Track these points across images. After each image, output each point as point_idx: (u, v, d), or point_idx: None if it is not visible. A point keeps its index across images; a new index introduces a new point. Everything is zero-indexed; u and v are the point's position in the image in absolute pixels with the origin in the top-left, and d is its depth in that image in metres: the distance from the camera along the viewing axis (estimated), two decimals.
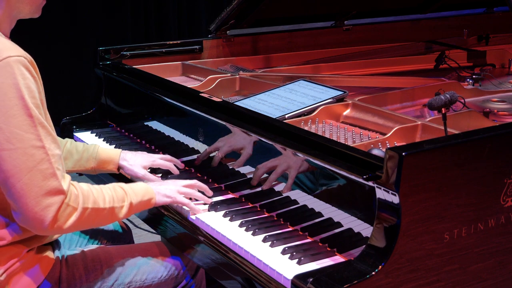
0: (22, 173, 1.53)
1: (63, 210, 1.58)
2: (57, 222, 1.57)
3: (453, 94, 1.82)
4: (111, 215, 1.71)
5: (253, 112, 2.04)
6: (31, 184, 1.54)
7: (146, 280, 1.90)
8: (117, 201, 1.71)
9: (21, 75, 1.54)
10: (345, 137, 1.98)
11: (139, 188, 1.80)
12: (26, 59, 1.58)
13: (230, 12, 2.80)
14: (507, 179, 1.58)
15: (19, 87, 1.53)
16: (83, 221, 1.63)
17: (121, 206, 1.72)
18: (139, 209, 1.79)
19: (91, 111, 2.75)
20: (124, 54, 2.76)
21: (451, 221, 1.51)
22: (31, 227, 1.60)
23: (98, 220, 1.69)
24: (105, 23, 5.23)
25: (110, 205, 1.69)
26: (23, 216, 1.57)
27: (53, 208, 1.56)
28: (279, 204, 1.83)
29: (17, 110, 1.53)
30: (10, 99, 1.53)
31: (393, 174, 1.42)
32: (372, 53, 3.09)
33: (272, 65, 2.98)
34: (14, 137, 1.53)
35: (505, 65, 2.98)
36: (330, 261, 1.58)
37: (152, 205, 1.82)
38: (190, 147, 2.23)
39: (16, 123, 1.53)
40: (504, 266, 1.65)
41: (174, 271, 1.95)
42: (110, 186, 1.74)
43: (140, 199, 1.77)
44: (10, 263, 1.69)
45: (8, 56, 1.54)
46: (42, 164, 1.55)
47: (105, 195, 1.69)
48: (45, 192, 1.55)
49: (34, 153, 1.54)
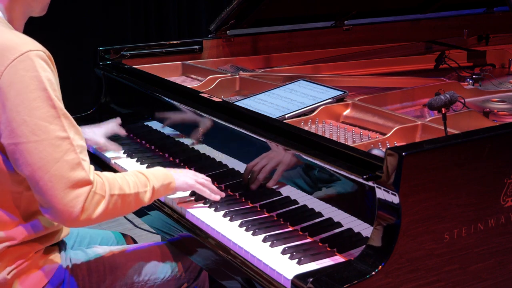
0: (49, 164, 1.52)
1: (91, 199, 1.57)
2: (85, 212, 1.56)
3: (453, 94, 1.82)
4: (137, 201, 1.71)
5: (253, 112, 2.04)
6: (58, 175, 1.53)
7: (149, 281, 1.90)
8: (141, 186, 1.72)
9: (42, 68, 1.56)
10: (345, 137, 1.98)
11: (159, 173, 1.81)
12: (45, 53, 1.60)
13: (230, 12, 2.80)
14: (507, 179, 1.58)
15: (41, 79, 1.54)
16: (111, 209, 1.62)
17: (145, 191, 1.73)
18: (160, 193, 1.80)
19: (91, 111, 2.75)
20: (124, 54, 2.76)
21: (451, 221, 1.51)
22: (60, 220, 1.57)
23: (125, 207, 1.68)
24: (105, 23, 5.22)
25: (135, 191, 1.69)
26: (52, 209, 1.55)
27: (81, 198, 1.54)
28: (279, 204, 1.83)
29: (40, 102, 1.53)
30: (32, 91, 1.53)
31: (393, 174, 1.42)
32: (372, 53, 3.09)
33: (272, 65, 2.98)
34: (39, 128, 1.52)
35: (505, 65, 2.98)
36: (330, 261, 1.58)
37: (173, 189, 1.83)
38: (190, 147, 2.23)
39: (40, 115, 1.53)
40: (504, 266, 1.65)
41: (177, 272, 1.95)
42: (131, 173, 1.75)
43: (161, 183, 1.78)
44: (17, 263, 1.70)
45: (28, 50, 1.55)
46: (68, 155, 1.54)
47: (129, 181, 1.69)
48: (73, 183, 1.54)
49: (60, 144, 1.54)
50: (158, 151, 2.39)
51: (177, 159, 2.29)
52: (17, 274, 1.70)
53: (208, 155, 2.13)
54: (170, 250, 1.99)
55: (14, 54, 1.54)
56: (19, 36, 1.62)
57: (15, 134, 1.53)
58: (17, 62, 1.54)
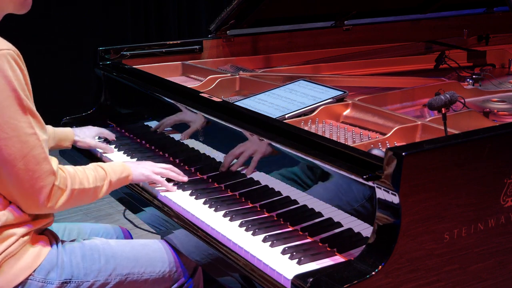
0: (18, 159, 1.64)
1: (55, 192, 1.71)
2: (49, 202, 1.70)
3: (453, 94, 1.82)
4: (94, 194, 1.84)
5: (253, 112, 2.04)
6: (26, 168, 1.65)
7: (144, 274, 1.90)
8: (99, 180, 1.85)
9: (11, 68, 1.62)
10: (345, 137, 1.98)
11: (117, 167, 1.94)
12: (15, 52, 1.65)
13: (230, 12, 2.80)
14: (507, 179, 1.58)
15: (10, 79, 1.62)
16: (71, 200, 1.76)
17: (102, 185, 1.86)
18: (117, 186, 1.93)
19: (91, 111, 2.75)
20: (124, 54, 2.76)
21: (451, 221, 1.51)
22: (27, 207, 1.72)
23: (84, 199, 1.82)
24: (105, 23, 5.23)
25: (94, 185, 1.83)
26: (19, 198, 1.69)
27: (46, 189, 1.68)
28: (279, 204, 1.83)
29: (10, 102, 1.62)
30: (2, 91, 1.61)
31: (393, 174, 1.42)
32: (372, 53, 3.09)
33: (272, 65, 2.98)
34: (9, 126, 1.62)
35: (505, 65, 2.98)
36: (330, 261, 1.58)
37: (129, 181, 1.97)
38: (190, 147, 2.23)
39: (10, 114, 1.62)
40: (504, 266, 1.65)
41: (172, 267, 1.96)
42: (92, 167, 1.87)
43: (118, 176, 1.92)
44: (5, 245, 1.71)
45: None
46: (35, 150, 1.66)
47: (88, 175, 1.82)
48: (38, 175, 1.66)
49: (27, 140, 1.65)
50: (158, 151, 2.39)
51: (177, 159, 2.29)
52: (4, 258, 1.71)
53: (208, 155, 2.13)
54: (167, 246, 1.99)
55: None
56: None
57: None
58: None
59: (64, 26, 5.06)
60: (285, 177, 1.82)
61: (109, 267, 1.86)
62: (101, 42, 5.02)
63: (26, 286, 1.74)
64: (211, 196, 1.98)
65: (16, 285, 1.72)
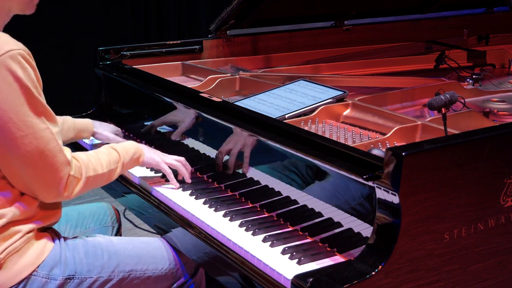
0: (36, 155, 1.68)
1: (71, 181, 1.75)
2: (66, 191, 1.75)
3: (453, 94, 1.82)
4: (109, 177, 1.89)
5: (253, 112, 2.04)
6: (45, 162, 1.69)
7: (147, 271, 1.91)
8: (113, 163, 1.89)
9: (22, 67, 1.65)
10: (345, 137, 1.98)
11: (130, 147, 1.97)
12: (25, 51, 1.68)
13: (230, 12, 2.80)
14: (507, 179, 1.58)
15: (22, 80, 1.64)
16: (87, 187, 1.80)
17: (116, 167, 1.90)
18: (129, 166, 1.97)
19: (91, 111, 2.75)
20: (124, 54, 2.76)
21: (451, 221, 1.51)
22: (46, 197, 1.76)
23: (98, 183, 1.87)
24: (105, 23, 5.23)
25: (108, 169, 1.87)
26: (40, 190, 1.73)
27: (64, 179, 1.73)
28: (279, 204, 1.83)
29: (23, 101, 1.65)
30: (15, 90, 1.64)
31: (393, 174, 1.42)
32: (372, 53, 3.09)
33: (272, 65, 2.98)
34: (24, 124, 1.66)
35: (505, 65, 2.98)
36: (330, 261, 1.58)
37: (140, 163, 2.00)
38: (190, 147, 2.23)
39: (25, 112, 1.66)
40: (504, 266, 1.65)
41: (174, 266, 1.96)
42: (105, 150, 1.91)
43: (131, 157, 1.95)
44: (8, 243, 1.72)
45: (10, 50, 1.64)
46: (50, 143, 1.70)
47: (102, 160, 1.86)
48: (57, 166, 1.71)
49: (42, 136, 1.69)
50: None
51: None
52: (8, 254, 1.72)
53: (208, 155, 2.13)
54: (168, 245, 1.99)
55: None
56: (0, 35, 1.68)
57: (2, 131, 1.65)
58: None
59: (64, 26, 5.06)
60: (285, 177, 1.82)
61: (112, 264, 1.87)
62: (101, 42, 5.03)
63: (30, 282, 1.75)
64: (211, 196, 1.98)
65: (20, 281, 1.74)
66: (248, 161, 1.93)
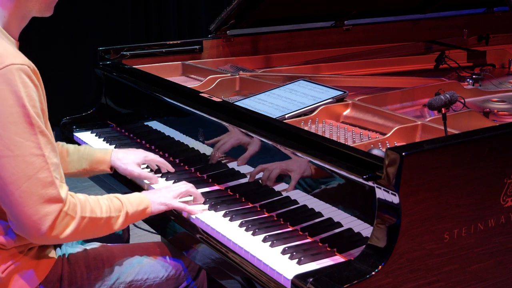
0: (21, 180, 1.53)
1: (61, 219, 1.58)
2: (54, 230, 1.58)
3: (453, 94, 1.82)
4: (108, 225, 1.71)
5: (253, 112, 2.04)
6: (29, 192, 1.54)
7: (148, 280, 1.90)
8: (114, 211, 1.72)
9: (23, 83, 1.54)
10: (345, 137, 1.98)
11: (134, 198, 1.81)
12: (29, 67, 1.57)
13: (230, 12, 2.80)
14: (507, 179, 1.58)
15: (20, 94, 1.53)
16: (80, 230, 1.64)
17: (118, 216, 1.73)
18: (134, 219, 1.80)
19: (91, 111, 2.75)
20: (124, 54, 2.76)
21: (451, 221, 1.51)
22: (27, 235, 1.60)
23: (95, 230, 1.69)
24: (105, 23, 5.23)
25: (107, 215, 1.70)
26: (19, 224, 1.57)
27: (51, 216, 1.56)
28: (279, 204, 1.83)
29: (17, 118, 1.53)
30: (10, 106, 1.53)
31: (393, 174, 1.42)
32: (372, 53, 3.09)
33: (272, 65, 2.98)
34: (14, 144, 1.53)
35: (505, 65, 2.98)
36: (330, 261, 1.58)
37: (148, 214, 1.83)
38: (190, 147, 2.23)
39: (16, 130, 1.53)
40: (504, 266, 1.65)
41: (176, 272, 1.95)
42: (106, 197, 1.75)
43: (135, 209, 1.78)
44: (11, 261, 1.70)
45: (11, 64, 1.54)
46: (41, 173, 1.55)
47: (101, 205, 1.70)
48: (43, 200, 1.55)
49: (33, 161, 1.54)
50: (158, 151, 2.39)
51: (177, 159, 2.29)
52: (11, 272, 1.70)
53: (208, 155, 2.13)
54: (169, 249, 1.99)
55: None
56: (5, 47, 1.59)
57: None
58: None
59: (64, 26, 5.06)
60: (285, 178, 1.82)
61: (113, 276, 1.86)
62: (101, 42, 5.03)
63: None
64: (210, 196, 1.98)
65: None
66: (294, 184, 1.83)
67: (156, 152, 2.39)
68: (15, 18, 1.67)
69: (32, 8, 1.68)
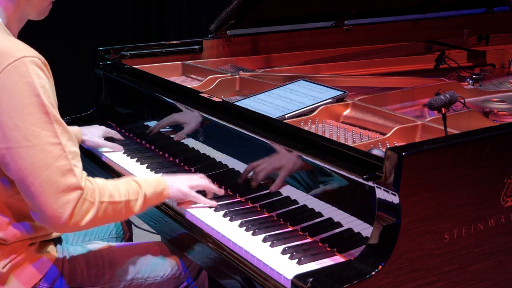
0: (40, 170, 1.54)
1: (80, 205, 1.58)
2: (74, 218, 1.57)
3: (453, 94, 1.82)
4: (127, 208, 1.71)
5: (253, 112, 2.04)
6: (49, 181, 1.54)
7: (148, 278, 1.90)
8: (132, 194, 1.72)
9: (36, 74, 1.57)
10: (345, 137, 1.98)
11: (152, 180, 1.82)
12: (40, 60, 1.60)
13: (230, 12, 2.80)
14: (507, 179, 1.58)
15: (34, 85, 1.56)
16: (100, 216, 1.63)
17: (136, 199, 1.73)
18: (153, 201, 1.79)
19: (91, 111, 2.75)
20: (124, 54, 2.76)
21: (451, 221, 1.51)
22: (50, 225, 1.60)
23: (114, 215, 1.68)
24: (105, 23, 5.22)
25: (125, 198, 1.69)
26: (41, 214, 1.57)
27: (70, 204, 1.56)
28: (279, 204, 1.83)
29: (33, 108, 1.55)
30: (25, 97, 1.55)
31: (393, 174, 1.42)
32: (372, 53, 3.09)
33: (272, 65, 2.98)
34: (31, 134, 1.54)
35: (505, 65, 2.98)
36: (330, 261, 1.58)
37: (166, 197, 1.83)
38: (190, 147, 2.23)
39: (33, 121, 1.54)
40: (504, 266, 1.65)
41: (176, 271, 1.95)
42: (124, 180, 1.75)
43: (153, 190, 1.78)
44: (12, 256, 1.71)
45: (23, 56, 1.56)
46: (59, 161, 1.56)
47: (120, 188, 1.70)
48: (63, 188, 1.55)
49: (51, 150, 1.55)
50: (158, 151, 2.39)
51: (177, 159, 2.29)
52: (12, 267, 1.71)
53: (208, 155, 2.13)
54: (169, 249, 1.99)
55: (8, 60, 1.55)
56: (15, 42, 1.63)
57: (7, 139, 1.54)
58: (11, 68, 1.55)
59: (64, 26, 5.06)
60: (285, 177, 1.82)
61: (113, 274, 1.86)
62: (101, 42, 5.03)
63: None
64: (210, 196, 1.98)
65: None
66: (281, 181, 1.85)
67: (156, 152, 2.39)
68: (15, 20, 1.72)
69: (30, 11, 1.73)
